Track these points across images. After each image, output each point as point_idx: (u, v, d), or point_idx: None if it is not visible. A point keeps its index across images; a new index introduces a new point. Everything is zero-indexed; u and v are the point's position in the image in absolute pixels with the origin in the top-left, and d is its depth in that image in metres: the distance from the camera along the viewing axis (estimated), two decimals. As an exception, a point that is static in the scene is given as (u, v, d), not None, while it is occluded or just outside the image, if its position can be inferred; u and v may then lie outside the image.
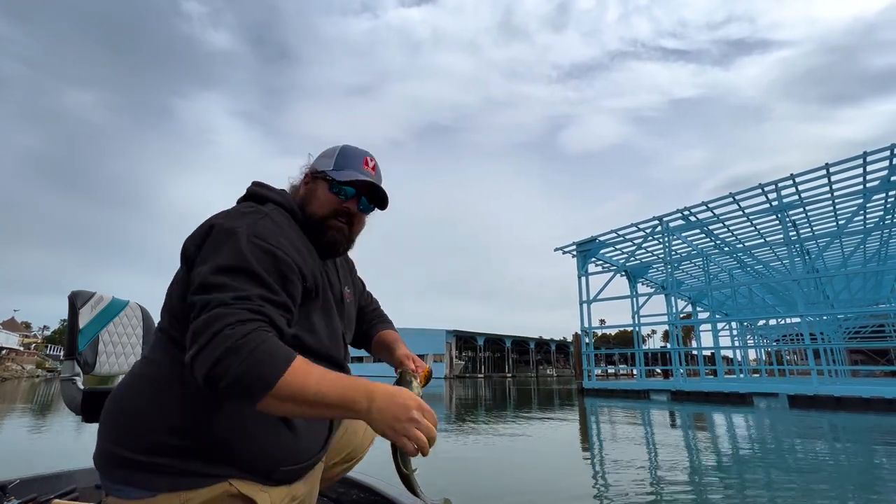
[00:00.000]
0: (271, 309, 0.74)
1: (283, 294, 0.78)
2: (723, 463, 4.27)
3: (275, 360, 0.67)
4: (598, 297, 17.44)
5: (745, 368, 22.72)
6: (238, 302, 0.70)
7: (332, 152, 1.02)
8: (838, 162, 11.97)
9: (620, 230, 16.71)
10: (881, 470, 4.04)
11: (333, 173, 0.98)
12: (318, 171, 1.00)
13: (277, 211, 0.92)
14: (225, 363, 0.65)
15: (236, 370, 0.65)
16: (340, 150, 1.01)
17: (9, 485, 1.30)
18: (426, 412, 0.74)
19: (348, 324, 1.07)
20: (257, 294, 0.73)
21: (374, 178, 1.02)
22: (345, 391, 0.71)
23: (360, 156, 1.01)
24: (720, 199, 14.13)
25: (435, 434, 0.74)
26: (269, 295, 0.75)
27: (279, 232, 0.85)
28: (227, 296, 0.71)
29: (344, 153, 1.01)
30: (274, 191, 0.99)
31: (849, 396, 10.34)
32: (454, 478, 3.61)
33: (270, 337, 0.70)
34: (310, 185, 1.00)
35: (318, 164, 1.01)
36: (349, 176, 0.97)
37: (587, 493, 3.16)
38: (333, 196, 0.97)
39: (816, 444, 5.45)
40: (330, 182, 0.98)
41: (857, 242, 14.85)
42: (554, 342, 61.01)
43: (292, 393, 0.67)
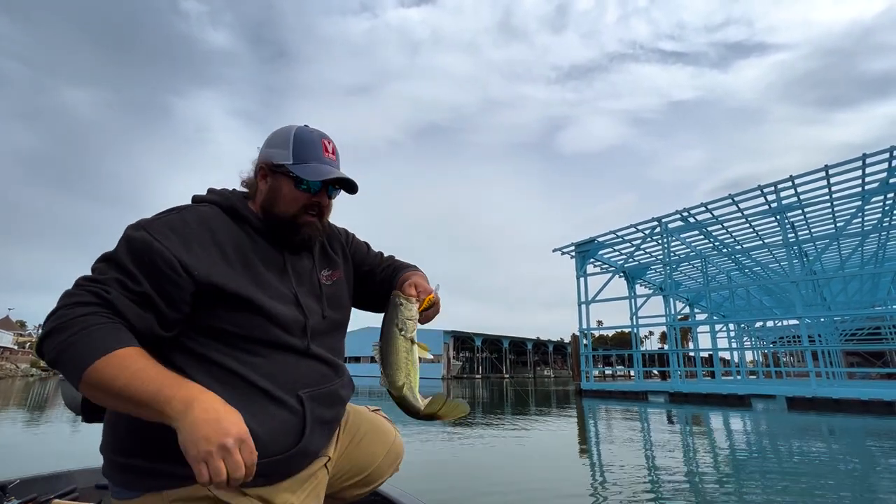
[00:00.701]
0: (121, 296, 0.73)
1: (144, 284, 0.75)
2: (729, 467, 4.23)
3: (90, 347, 0.66)
4: (596, 298, 17.41)
5: (743, 370, 22.73)
6: (87, 284, 0.73)
7: (284, 140, 0.94)
8: (837, 164, 11.98)
9: (619, 231, 16.69)
10: (884, 473, 3.99)
11: (296, 168, 0.92)
12: (275, 164, 0.93)
13: (207, 208, 0.89)
14: (48, 341, 0.68)
15: (54, 349, 0.67)
16: (294, 137, 0.94)
17: (9, 485, 1.30)
18: (245, 447, 0.65)
19: (334, 304, 1.01)
20: (111, 279, 0.74)
21: (335, 162, 0.97)
22: (160, 391, 0.66)
23: (318, 141, 0.95)
24: (719, 201, 14.12)
25: (243, 474, 0.64)
26: (126, 282, 0.74)
27: (179, 227, 0.81)
28: (82, 278, 0.74)
29: (300, 141, 0.93)
30: (216, 192, 0.96)
31: (847, 399, 10.33)
32: (455, 482, 3.55)
33: (104, 324, 0.69)
34: (270, 181, 0.94)
35: (272, 155, 0.94)
36: (316, 173, 0.91)
37: (596, 497, 3.10)
38: (301, 192, 0.93)
39: (819, 447, 5.41)
40: (295, 179, 0.92)
41: (856, 245, 14.87)
42: (551, 343, 61.02)
43: (98, 382, 0.66)
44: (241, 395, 0.78)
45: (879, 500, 3.07)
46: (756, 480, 3.62)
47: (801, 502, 2.98)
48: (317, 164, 0.93)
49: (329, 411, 0.93)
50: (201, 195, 0.95)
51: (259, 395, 0.81)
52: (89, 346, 0.66)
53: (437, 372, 40.12)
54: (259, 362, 0.83)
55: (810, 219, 14.84)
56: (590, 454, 4.86)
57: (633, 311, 18.16)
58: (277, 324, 0.85)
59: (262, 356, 0.84)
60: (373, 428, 1.12)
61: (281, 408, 0.83)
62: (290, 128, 0.96)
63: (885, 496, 3.14)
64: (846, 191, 13.01)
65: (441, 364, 40.96)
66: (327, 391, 0.93)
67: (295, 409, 0.84)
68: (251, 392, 0.80)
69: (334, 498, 1.06)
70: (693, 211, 14.92)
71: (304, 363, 0.89)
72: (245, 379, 0.80)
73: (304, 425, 0.84)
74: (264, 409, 0.80)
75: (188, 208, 0.88)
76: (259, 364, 0.83)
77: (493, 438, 5.87)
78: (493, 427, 6.99)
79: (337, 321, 1.00)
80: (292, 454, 0.82)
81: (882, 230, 14.06)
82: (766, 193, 13.38)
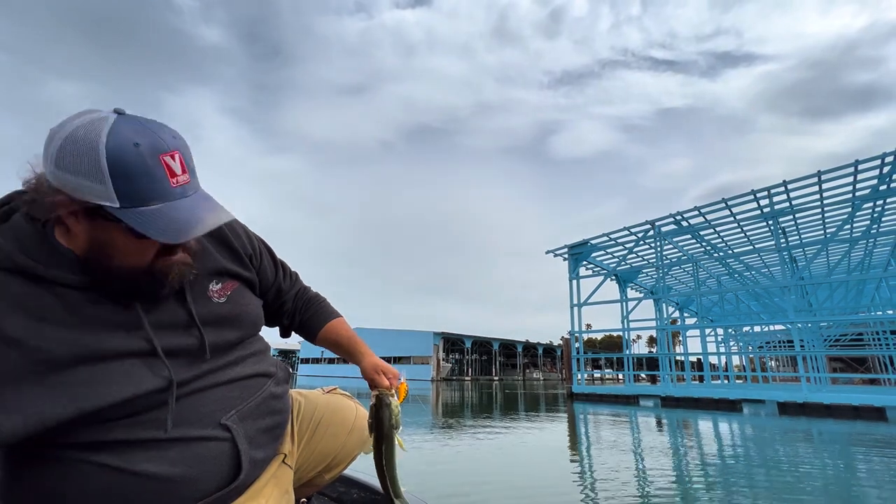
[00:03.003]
0: None
1: None
2: (730, 471, 4.08)
3: None
4: (588, 301, 17.34)
5: (731, 374, 22.87)
6: None
7: (90, 163, 0.57)
8: (830, 170, 12.04)
9: (612, 234, 16.64)
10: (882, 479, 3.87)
11: (130, 218, 0.58)
12: (86, 203, 0.59)
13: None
14: None
15: None
16: (109, 160, 0.57)
17: None
18: None
19: (227, 320, 0.80)
20: None
21: (189, 182, 0.64)
22: None
23: (156, 163, 0.60)
24: (712, 205, 14.14)
25: None
26: None
27: None
28: None
29: (123, 170, 0.57)
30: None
31: (838, 404, 10.34)
32: (452, 484, 3.33)
33: None
34: (86, 226, 0.62)
35: (81, 188, 0.58)
36: (172, 229, 0.60)
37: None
38: (145, 240, 0.61)
39: (817, 453, 5.31)
40: (130, 230, 0.60)
41: (844, 251, 15.00)
42: (541, 346, 61.11)
43: None
44: (151, 458, 0.66)
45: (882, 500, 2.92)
46: (758, 486, 3.46)
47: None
48: (163, 205, 0.60)
49: (266, 419, 0.83)
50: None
51: (173, 446, 0.69)
52: None
53: (427, 374, 39.85)
54: (147, 426, 0.67)
55: (801, 225, 14.95)
56: (588, 460, 4.68)
57: (624, 315, 18.14)
58: (141, 398, 0.65)
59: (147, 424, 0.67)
60: (329, 410, 1.06)
61: (205, 444, 0.72)
62: (95, 139, 0.57)
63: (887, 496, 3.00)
64: (837, 197, 13.11)
65: (430, 366, 40.70)
66: (257, 401, 0.81)
67: (222, 437, 0.74)
68: (161, 446, 0.68)
69: (309, 486, 1.05)
70: (686, 214, 14.92)
71: (215, 392, 0.76)
72: (148, 440, 0.67)
73: (237, 450, 0.75)
74: (183, 453, 0.70)
75: None
76: (148, 425, 0.67)
77: (486, 442, 5.67)
78: (486, 431, 6.78)
79: (242, 334, 0.83)
80: (241, 478, 0.75)
81: (870, 237, 14.21)
82: (759, 198, 13.42)
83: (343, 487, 1.36)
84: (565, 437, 6.48)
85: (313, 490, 1.09)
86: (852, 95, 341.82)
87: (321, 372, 48.57)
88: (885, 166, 11.54)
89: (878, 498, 3.33)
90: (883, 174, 11.76)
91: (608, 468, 4.26)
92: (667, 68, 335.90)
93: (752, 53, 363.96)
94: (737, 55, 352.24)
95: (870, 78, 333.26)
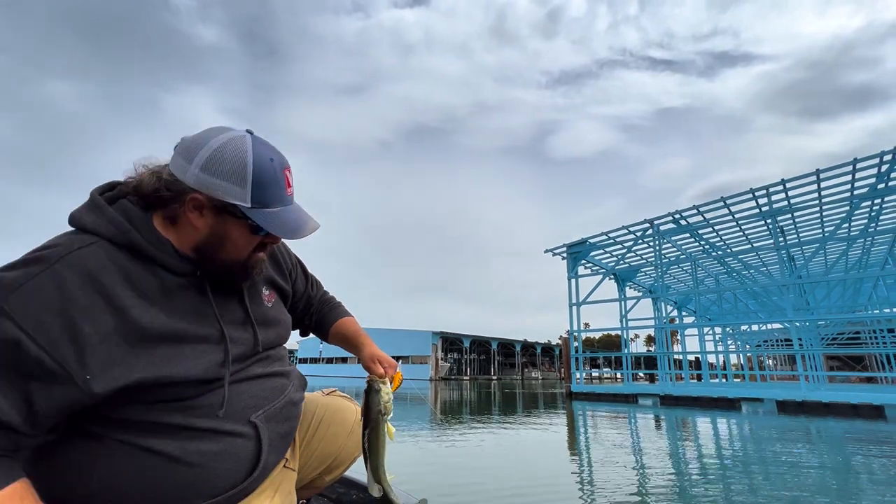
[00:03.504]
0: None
1: (15, 395, 0.58)
2: (733, 471, 4.04)
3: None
4: (587, 300, 17.32)
5: (729, 373, 22.92)
6: None
7: (240, 175, 0.70)
8: (829, 168, 12.04)
9: (611, 232, 16.63)
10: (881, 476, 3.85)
11: (258, 216, 0.72)
12: (222, 202, 0.71)
13: (93, 251, 0.66)
14: None
15: None
16: (254, 174, 0.71)
17: None
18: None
19: (273, 324, 0.91)
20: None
21: (292, 195, 0.79)
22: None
23: (281, 176, 0.75)
24: (711, 203, 14.14)
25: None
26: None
27: (56, 303, 0.60)
28: None
29: (261, 180, 0.72)
30: (101, 211, 0.71)
31: (837, 402, 10.34)
32: (450, 484, 3.29)
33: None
34: (211, 221, 0.73)
35: (219, 189, 0.70)
36: (289, 228, 0.76)
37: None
38: (255, 236, 0.77)
39: (815, 451, 5.30)
40: (251, 226, 0.74)
41: (843, 250, 15.04)
42: (539, 345, 61.14)
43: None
44: (184, 446, 0.71)
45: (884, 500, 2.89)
46: (757, 484, 3.44)
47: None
48: (282, 209, 0.75)
49: (284, 424, 0.87)
50: (79, 216, 0.71)
51: (205, 436, 0.73)
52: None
53: (425, 373, 39.82)
54: (190, 412, 0.73)
55: (799, 224, 14.97)
56: (588, 458, 4.64)
57: (622, 314, 18.13)
58: (201, 382, 0.73)
59: (191, 411, 0.73)
60: (329, 411, 1.08)
61: (233, 440, 0.76)
62: (244, 153, 0.71)
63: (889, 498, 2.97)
64: (836, 196, 13.13)
65: (429, 365, 40.66)
66: (280, 405, 0.86)
67: (249, 435, 0.78)
68: (195, 436, 0.72)
69: (309, 487, 1.07)
70: (685, 213, 14.93)
71: (249, 386, 0.81)
72: (187, 427, 0.72)
73: (259, 450, 0.79)
74: (212, 447, 0.74)
75: (63, 260, 0.63)
76: (192, 412, 0.73)
77: (485, 441, 5.63)
78: (486, 430, 6.74)
79: (280, 337, 0.93)
80: (252, 479, 0.78)
81: (868, 235, 14.24)
82: (757, 197, 13.42)
83: (342, 489, 1.36)
84: (565, 436, 6.45)
85: (314, 492, 1.10)
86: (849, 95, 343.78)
87: (319, 372, 48.50)
88: (883, 164, 11.55)
89: (878, 496, 3.31)
90: (881, 172, 11.77)
91: (608, 467, 4.22)
92: (665, 68, 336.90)
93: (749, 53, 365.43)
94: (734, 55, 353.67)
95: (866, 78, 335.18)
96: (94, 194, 0.74)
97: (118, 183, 0.77)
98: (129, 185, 0.75)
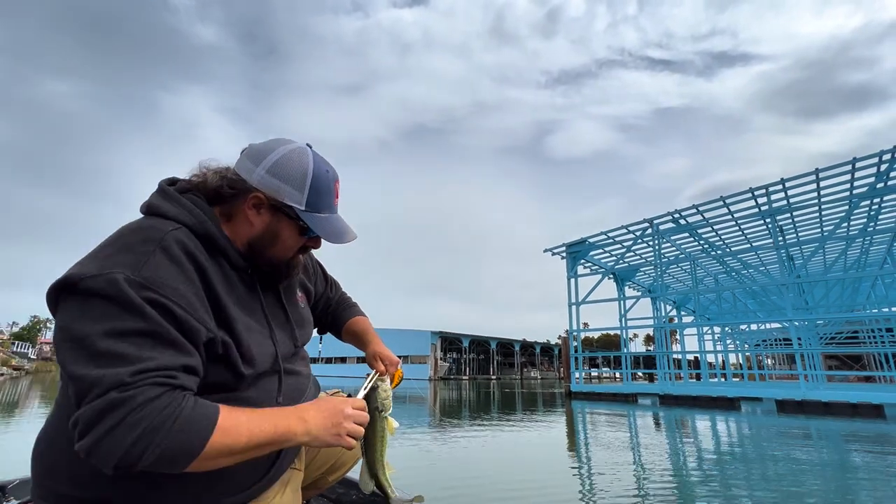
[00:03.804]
0: (180, 375, 0.64)
1: (191, 354, 0.66)
2: (735, 471, 4.03)
3: (197, 429, 0.62)
4: (586, 300, 17.32)
5: (729, 373, 22.95)
6: (140, 377, 0.60)
7: (300, 180, 0.80)
8: (828, 167, 12.05)
9: (610, 232, 16.62)
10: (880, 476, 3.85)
11: (309, 219, 0.81)
12: (280, 202, 0.79)
13: (182, 235, 0.73)
14: (139, 450, 0.58)
15: (157, 453, 0.59)
16: (312, 180, 0.80)
17: (9, 485, 1.28)
18: (355, 403, 0.80)
19: (303, 326, 0.98)
20: (162, 364, 0.62)
21: (337, 207, 0.88)
22: (277, 426, 0.69)
23: (333, 188, 0.85)
24: (710, 203, 14.14)
25: (367, 418, 0.82)
26: (175, 360, 0.64)
27: (179, 274, 0.69)
28: (125, 371, 0.59)
29: (317, 187, 0.81)
30: (176, 201, 0.77)
31: (836, 402, 10.35)
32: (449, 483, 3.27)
33: (185, 404, 0.62)
34: (267, 219, 0.81)
35: (280, 191, 0.79)
36: (334, 233, 0.84)
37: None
38: (301, 237, 0.85)
39: (815, 450, 5.29)
40: (302, 227, 0.82)
41: (842, 249, 15.06)
42: (538, 345, 61.14)
43: (224, 449, 0.64)
44: None
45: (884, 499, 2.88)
46: (756, 483, 3.43)
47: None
48: (330, 216, 0.85)
49: None
50: (158, 203, 0.77)
51: None
52: (195, 429, 0.62)
53: (425, 373, 39.79)
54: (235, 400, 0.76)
55: (798, 223, 14.97)
56: (588, 457, 4.63)
57: (622, 313, 18.14)
58: (252, 366, 0.78)
59: (238, 395, 0.77)
60: None
61: None
62: (306, 161, 0.81)
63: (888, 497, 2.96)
64: (835, 195, 13.13)
65: (428, 365, 40.63)
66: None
67: None
68: None
69: (312, 488, 1.09)
70: (684, 212, 14.92)
71: (287, 382, 0.87)
72: None
73: (279, 453, 0.83)
74: None
75: (166, 238, 0.70)
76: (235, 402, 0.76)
77: (486, 440, 5.61)
78: (487, 429, 6.72)
79: (308, 337, 0.99)
80: (265, 481, 0.81)
81: (866, 235, 14.25)
82: (757, 196, 13.43)
83: (342, 489, 1.37)
84: (564, 435, 6.44)
85: (316, 492, 1.12)
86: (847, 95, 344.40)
87: (317, 371, 48.50)
88: (882, 164, 11.56)
89: (877, 493, 3.31)
90: (881, 172, 11.78)
91: (607, 465, 4.21)
92: (663, 68, 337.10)
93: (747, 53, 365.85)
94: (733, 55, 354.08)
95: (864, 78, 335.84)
96: (166, 187, 0.80)
97: (178, 179, 0.83)
98: (191, 181, 0.82)
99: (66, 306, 0.63)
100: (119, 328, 0.61)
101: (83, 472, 0.67)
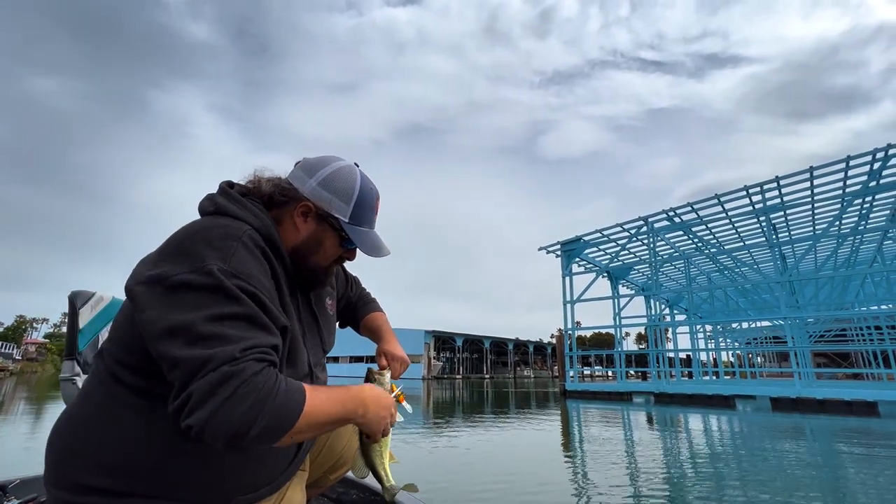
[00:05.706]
0: (272, 353, 0.69)
1: (275, 335, 0.72)
2: (734, 470, 3.93)
3: (293, 404, 0.67)
4: (581, 298, 17.27)
5: (721, 371, 23.09)
6: (247, 353, 0.65)
7: (348, 194, 0.87)
8: (822, 165, 12.09)
9: (605, 230, 16.59)
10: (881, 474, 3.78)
11: (352, 231, 0.88)
12: (326, 213, 0.86)
13: (252, 233, 0.78)
14: (249, 421, 0.62)
15: (262, 424, 0.63)
16: (359, 195, 0.88)
17: (9, 485, 1.28)
18: (393, 404, 0.88)
19: (330, 331, 1.03)
20: (260, 342, 0.68)
21: (375, 223, 0.95)
22: (345, 405, 0.75)
23: (375, 205, 0.92)
24: (705, 201, 14.14)
25: (396, 414, 0.90)
26: (269, 339, 0.70)
27: (254, 266, 0.74)
28: (232, 348, 0.64)
29: (362, 203, 0.88)
30: (242, 204, 0.82)
31: (831, 399, 10.38)
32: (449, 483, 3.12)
33: (281, 380, 0.67)
34: (313, 227, 0.87)
35: (329, 202, 0.86)
36: (373, 247, 0.90)
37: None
38: (340, 248, 0.91)
39: (811, 447, 5.24)
40: (343, 238, 0.88)
41: (833, 248, 15.16)
42: (531, 343, 61.30)
43: (309, 424, 0.68)
44: None
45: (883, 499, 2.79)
46: (753, 482, 3.33)
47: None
48: (370, 230, 0.91)
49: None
50: (227, 205, 0.81)
51: None
52: (294, 401, 0.66)
53: (418, 372, 39.66)
54: None
55: (791, 221, 15.05)
56: (583, 455, 4.51)
57: (616, 312, 18.12)
58: (294, 367, 0.83)
59: None
60: None
61: None
62: (355, 178, 0.88)
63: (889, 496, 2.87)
64: (828, 193, 13.19)
65: (421, 364, 40.50)
66: None
67: None
68: None
69: (314, 487, 1.10)
70: (679, 211, 14.92)
71: None
72: None
73: (298, 450, 0.88)
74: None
75: (244, 236, 0.75)
76: None
77: (482, 439, 5.48)
78: (482, 428, 6.59)
79: (331, 347, 1.03)
80: (277, 482, 0.84)
81: (858, 234, 14.35)
82: (751, 194, 13.45)
83: (342, 488, 1.38)
84: (559, 434, 6.32)
85: (317, 491, 1.14)
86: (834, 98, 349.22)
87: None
88: (875, 162, 11.62)
89: (875, 490, 3.22)
90: (873, 170, 11.84)
91: (606, 464, 4.09)
92: (655, 69, 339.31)
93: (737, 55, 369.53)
94: (723, 57, 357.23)
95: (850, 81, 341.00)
96: (230, 190, 0.84)
97: (235, 183, 0.89)
98: (246, 186, 0.87)
99: (160, 299, 0.66)
100: (218, 313, 0.65)
101: (108, 461, 0.69)
